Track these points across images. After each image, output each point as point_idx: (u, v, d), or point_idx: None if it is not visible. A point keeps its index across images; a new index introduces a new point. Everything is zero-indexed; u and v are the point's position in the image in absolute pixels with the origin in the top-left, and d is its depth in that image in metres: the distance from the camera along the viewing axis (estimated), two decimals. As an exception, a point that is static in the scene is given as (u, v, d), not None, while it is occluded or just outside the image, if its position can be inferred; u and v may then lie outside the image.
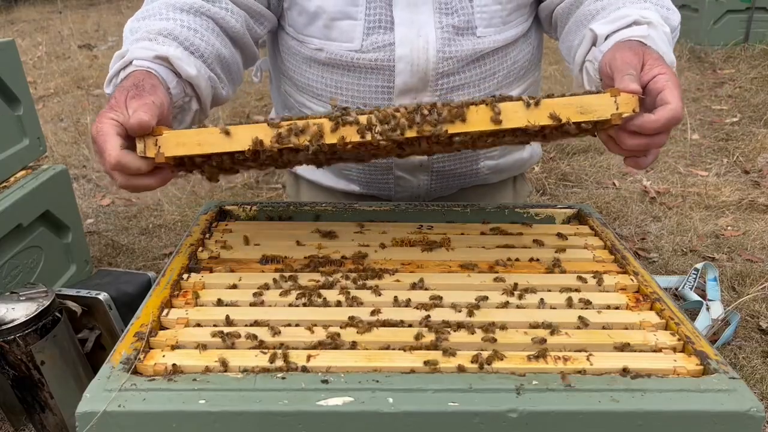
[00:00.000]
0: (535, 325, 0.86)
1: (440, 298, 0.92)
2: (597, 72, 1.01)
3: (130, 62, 1.00)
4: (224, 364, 0.77)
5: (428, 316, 0.88)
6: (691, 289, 1.93)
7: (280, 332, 0.84)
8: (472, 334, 0.84)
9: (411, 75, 1.22)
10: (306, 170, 1.50)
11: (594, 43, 1.06)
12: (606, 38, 1.03)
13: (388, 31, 1.21)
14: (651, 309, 0.91)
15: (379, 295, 0.93)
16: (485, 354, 0.78)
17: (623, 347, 0.82)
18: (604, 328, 0.86)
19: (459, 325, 0.84)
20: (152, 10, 1.12)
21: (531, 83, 1.41)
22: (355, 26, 1.21)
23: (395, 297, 0.92)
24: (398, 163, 1.33)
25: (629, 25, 1.01)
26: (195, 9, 1.13)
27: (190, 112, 1.11)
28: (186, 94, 1.07)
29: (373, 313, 0.88)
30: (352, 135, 0.85)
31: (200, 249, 1.07)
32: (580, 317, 0.88)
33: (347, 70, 1.25)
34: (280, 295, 0.93)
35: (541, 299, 0.92)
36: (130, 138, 0.87)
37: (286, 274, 0.98)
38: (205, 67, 1.10)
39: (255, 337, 0.82)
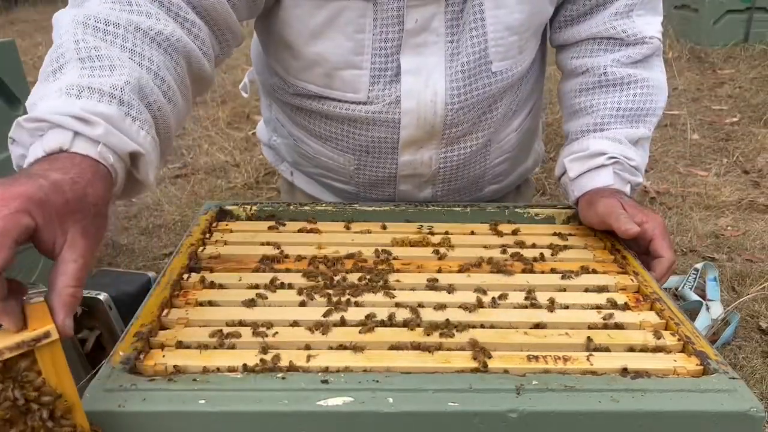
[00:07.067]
0: (535, 325, 0.86)
1: (451, 291, 0.92)
2: (571, 196, 1.17)
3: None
4: (224, 364, 0.76)
5: (428, 316, 0.88)
6: (691, 289, 1.92)
7: (279, 332, 0.84)
8: (472, 333, 0.83)
9: (417, 128, 1.15)
10: (302, 182, 1.47)
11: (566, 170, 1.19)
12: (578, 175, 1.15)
13: (393, 80, 1.10)
14: (651, 309, 0.91)
15: (380, 296, 0.93)
16: (485, 353, 0.78)
17: (623, 347, 0.82)
18: (604, 328, 0.86)
19: (459, 325, 0.84)
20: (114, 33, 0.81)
21: (533, 104, 1.34)
22: (360, 76, 1.09)
23: (395, 297, 0.92)
24: (402, 174, 1.27)
25: (597, 167, 1.12)
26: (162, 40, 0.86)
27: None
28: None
29: (373, 313, 0.88)
30: None
31: (201, 248, 1.07)
32: (579, 317, 0.88)
33: (349, 121, 1.18)
34: (281, 295, 0.93)
35: (541, 298, 0.92)
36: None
37: (287, 274, 0.98)
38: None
39: (255, 337, 0.82)
